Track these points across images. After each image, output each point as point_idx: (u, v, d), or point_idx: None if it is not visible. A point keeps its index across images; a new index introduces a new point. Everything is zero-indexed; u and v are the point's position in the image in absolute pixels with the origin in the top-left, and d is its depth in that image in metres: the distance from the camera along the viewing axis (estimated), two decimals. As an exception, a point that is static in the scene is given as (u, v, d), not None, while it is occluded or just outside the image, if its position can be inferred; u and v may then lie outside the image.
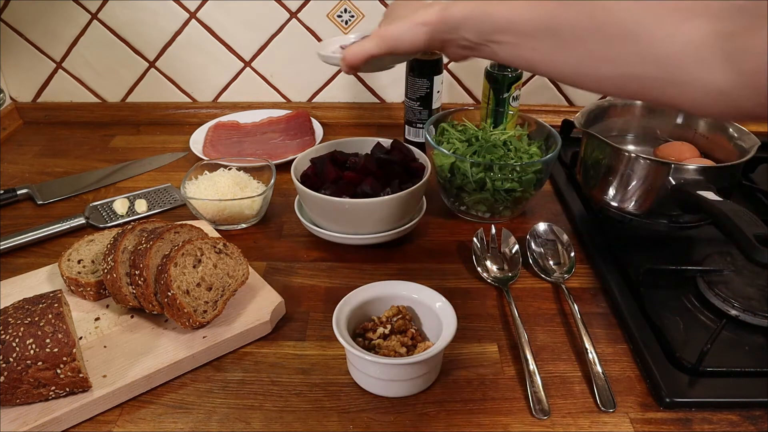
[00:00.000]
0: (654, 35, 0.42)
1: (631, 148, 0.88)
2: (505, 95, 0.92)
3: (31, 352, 0.50)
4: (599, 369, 0.58)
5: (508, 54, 0.51)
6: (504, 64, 0.85)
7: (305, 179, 0.76)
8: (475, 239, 0.75)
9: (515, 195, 0.78)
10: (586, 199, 0.85)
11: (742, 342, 0.62)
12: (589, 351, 0.60)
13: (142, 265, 0.60)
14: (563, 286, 0.69)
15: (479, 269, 0.72)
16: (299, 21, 1.06)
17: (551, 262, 0.74)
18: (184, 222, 0.68)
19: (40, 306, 0.53)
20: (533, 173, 0.77)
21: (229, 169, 0.85)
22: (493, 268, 0.73)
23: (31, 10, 1.05)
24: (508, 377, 0.59)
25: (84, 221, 0.81)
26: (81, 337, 0.60)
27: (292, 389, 0.57)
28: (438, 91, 0.98)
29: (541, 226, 0.77)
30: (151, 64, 1.11)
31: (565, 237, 0.76)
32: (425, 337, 0.61)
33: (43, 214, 0.85)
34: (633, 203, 0.76)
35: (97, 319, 0.63)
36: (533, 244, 0.75)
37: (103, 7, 1.04)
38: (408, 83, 0.97)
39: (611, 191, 0.78)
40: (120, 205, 0.84)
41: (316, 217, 0.75)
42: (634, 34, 0.43)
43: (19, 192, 0.88)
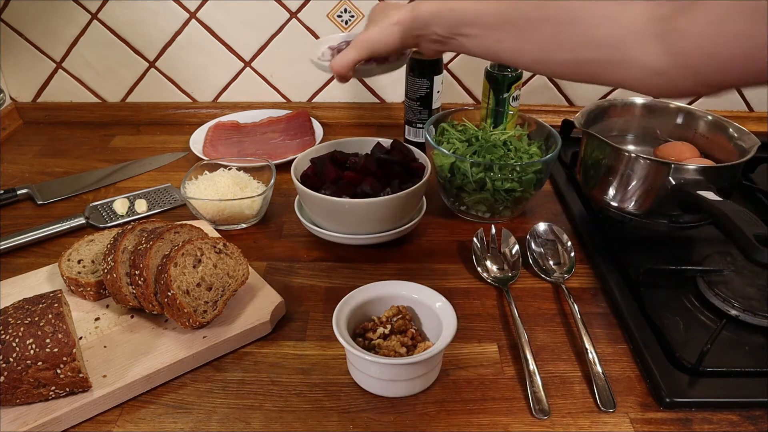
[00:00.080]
0: (596, 20, 0.45)
1: (631, 148, 0.88)
2: (505, 95, 0.92)
3: (31, 352, 0.50)
4: (599, 369, 0.58)
5: (474, 46, 0.54)
6: (473, 56, 0.87)
7: (305, 179, 0.76)
8: (475, 239, 0.75)
9: (515, 195, 0.78)
10: (586, 199, 0.85)
11: (742, 342, 0.62)
12: (589, 351, 0.60)
13: (142, 265, 0.60)
14: (563, 286, 0.69)
15: (479, 269, 0.72)
16: (299, 21, 1.06)
17: (551, 262, 0.74)
18: (184, 222, 0.68)
19: (40, 306, 0.53)
20: (533, 173, 0.77)
21: (229, 169, 0.85)
22: (493, 268, 0.73)
23: (31, 10, 1.05)
24: (508, 377, 0.59)
25: (84, 221, 0.81)
26: (81, 337, 0.60)
27: (292, 389, 0.57)
28: (438, 91, 0.98)
29: (541, 226, 0.77)
30: (151, 64, 1.11)
31: (565, 237, 0.76)
32: (425, 337, 0.61)
33: (43, 214, 0.85)
34: (633, 203, 0.76)
35: (97, 319, 0.63)
36: (533, 244, 0.75)
37: (103, 7, 1.04)
38: (408, 83, 0.98)
39: (611, 191, 0.78)
40: (120, 205, 0.84)
41: (316, 217, 0.75)
42: (580, 20, 0.46)
43: (19, 192, 0.88)
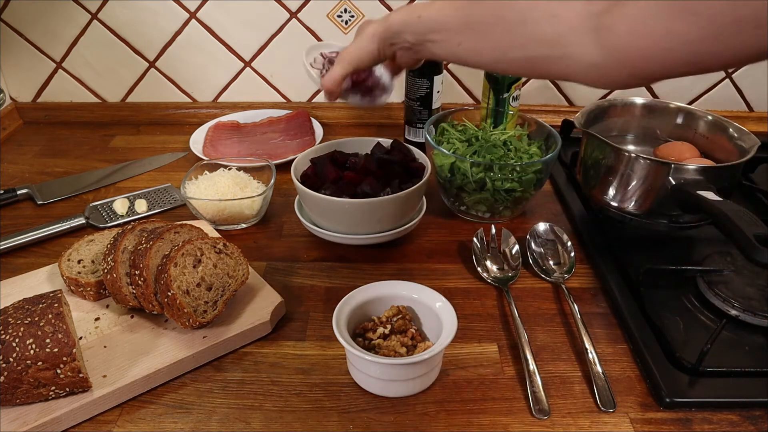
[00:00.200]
0: (542, 18, 0.48)
1: (631, 148, 0.88)
2: (505, 95, 0.92)
3: (31, 352, 0.50)
4: (599, 369, 0.58)
5: (441, 50, 0.58)
6: (442, 60, 0.90)
7: (305, 179, 0.76)
8: (475, 239, 0.75)
9: (515, 195, 0.78)
10: (586, 199, 0.85)
11: (742, 342, 0.62)
12: (589, 351, 0.60)
13: (142, 265, 0.60)
14: (563, 286, 0.69)
15: (479, 269, 0.72)
16: (299, 21, 1.06)
17: (551, 262, 0.74)
18: (184, 222, 0.68)
19: (40, 306, 0.53)
20: (533, 173, 0.77)
21: (229, 169, 0.85)
22: (493, 268, 0.73)
23: (31, 10, 1.05)
24: (508, 377, 0.59)
25: (84, 221, 0.81)
26: (81, 337, 0.60)
27: (292, 389, 0.57)
28: (438, 91, 0.98)
29: (541, 226, 0.77)
30: (151, 64, 1.11)
31: (565, 237, 0.76)
32: (425, 337, 0.61)
33: (43, 214, 0.85)
34: (633, 203, 0.76)
35: (97, 319, 0.63)
36: (533, 244, 0.75)
37: (103, 7, 1.04)
38: (408, 83, 0.98)
39: (611, 191, 0.78)
40: (120, 205, 0.84)
41: (316, 217, 0.75)
42: (528, 19, 0.49)
43: (19, 192, 0.88)
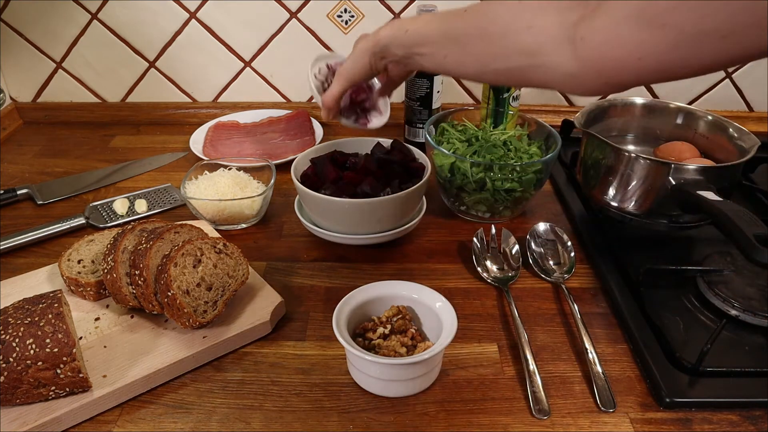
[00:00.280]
0: (521, 30, 0.50)
1: (631, 148, 0.88)
2: (505, 95, 0.92)
3: (31, 352, 0.50)
4: (599, 369, 0.58)
5: (428, 62, 0.60)
6: (430, 72, 0.93)
7: (305, 179, 0.76)
8: (475, 239, 0.75)
9: (515, 195, 0.78)
10: (586, 199, 0.85)
11: (742, 342, 0.62)
12: (589, 351, 0.60)
13: (142, 265, 0.60)
14: (563, 286, 0.69)
15: (479, 269, 0.72)
16: (299, 21, 1.06)
17: (551, 262, 0.74)
18: (184, 222, 0.68)
19: (40, 306, 0.53)
20: (533, 173, 0.77)
21: (229, 169, 0.85)
22: (493, 268, 0.73)
23: (31, 10, 1.05)
24: (508, 377, 0.59)
25: (84, 221, 0.81)
26: (81, 337, 0.60)
27: (292, 389, 0.57)
28: (438, 91, 0.98)
29: (541, 226, 0.77)
30: (151, 64, 1.11)
31: (565, 237, 0.76)
32: (425, 337, 0.61)
33: (43, 214, 0.85)
34: (633, 203, 0.76)
35: (97, 319, 0.63)
36: (533, 244, 0.75)
37: (103, 7, 1.04)
38: (408, 83, 0.97)
39: (611, 191, 0.78)
40: (120, 205, 0.84)
41: (316, 217, 0.75)
42: (508, 32, 0.51)
43: (19, 192, 0.88)
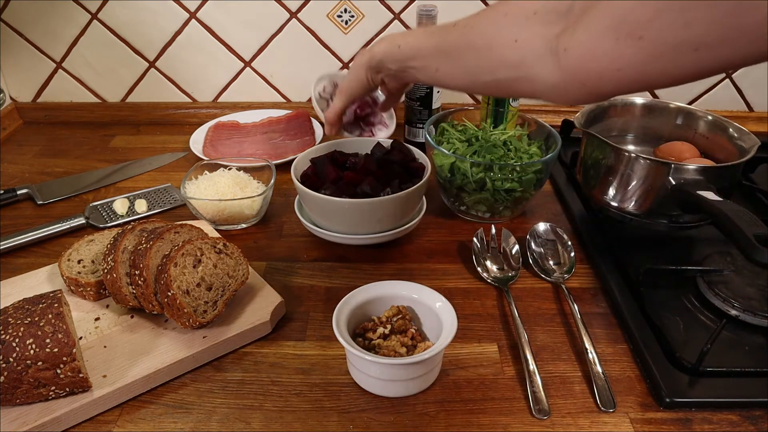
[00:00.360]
0: (507, 43, 0.51)
1: (631, 148, 0.88)
2: (505, 95, 0.92)
3: (31, 352, 0.50)
4: (599, 369, 0.58)
5: (422, 75, 0.62)
6: (424, 84, 0.96)
7: (305, 179, 0.76)
8: (475, 239, 0.75)
9: (515, 195, 0.78)
10: (586, 199, 0.85)
11: (742, 342, 0.62)
12: (589, 351, 0.60)
13: (142, 265, 0.60)
14: (563, 286, 0.69)
15: (479, 269, 0.72)
16: (299, 21, 1.06)
17: (551, 262, 0.74)
18: (184, 222, 0.68)
19: (40, 306, 0.53)
20: (533, 173, 0.77)
21: (229, 169, 0.85)
22: (493, 268, 0.73)
23: (31, 10, 1.05)
24: (508, 377, 0.59)
25: (84, 221, 0.81)
26: (81, 337, 0.60)
27: (292, 389, 0.57)
28: (438, 91, 0.98)
29: (541, 226, 0.77)
30: (151, 64, 1.11)
31: (565, 237, 0.76)
32: (425, 337, 0.61)
33: (43, 214, 0.85)
34: (633, 203, 0.76)
35: (97, 319, 0.63)
36: (533, 244, 0.75)
37: (103, 7, 1.04)
38: (408, 83, 0.97)
39: (611, 191, 0.78)
40: (120, 205, 0.84)
41: (316, 217, 0.75)
42: (495, 45, 0.52)
43: (19, 192, 0.88)
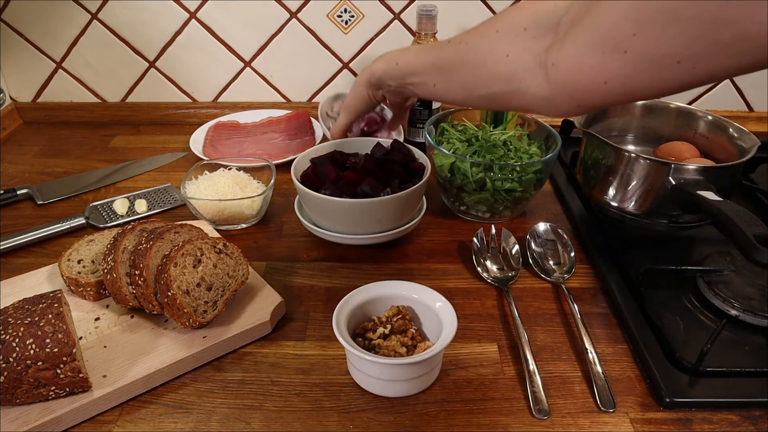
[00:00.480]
0: (499, 58, 0.52)
1: (631, 148, 0.88)
2: (505, 95, 0.92)
3: (31, 352, 0.50)
4: (599, 369, 0.58)
5: (420, 90, 0.65)
6: (423, 99, 0.98)
7: (305, 179, 0.76)
8: (475, 239, 0.75)
9: (515, 195, 0.78)
10: (586, 199, 0.85)
11: (742, 342, 0.62)
12: (589, 351, 0.60)
13: (142, 265, 0.60)
14: (563, 286, 0.69)
15: (479, 269, 0.72)
16: (299, 21, 1.06)
17: (551, 262, 0.74)
18: (184, 222, 0.68)
19: (40, 306, 0.53)
20: (533, 173, 0.77)
21: (229, 169, 0.85)
22: (493, 268, 0.73)
23: (31, 10, 1.05)
24: (508, 377, 0.59)
25: (84, 221, 0.81)
26: (81, 337, 0.60)
27: (292, 389, 0.57)
28: (438, 91, 0.98)
29: (541, 226, 0.77)
30: (151, 64, 1.11)
31: (566, 237, 0.76)
32: (425, 337, 0.61)
33: (43, 214, 0.85)
34: (633, 203, 0.76)
35: (97, 319, 0.63)
36: (533, 244, 0.75)
37: (103, 7, 1.04)
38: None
39: (611, 191, 0.78)
40: (120, 205, 0.84)
41: (316, 217, 0.75)
42: (488, 60, 0.54)
43: (19, 192, 0.88)
